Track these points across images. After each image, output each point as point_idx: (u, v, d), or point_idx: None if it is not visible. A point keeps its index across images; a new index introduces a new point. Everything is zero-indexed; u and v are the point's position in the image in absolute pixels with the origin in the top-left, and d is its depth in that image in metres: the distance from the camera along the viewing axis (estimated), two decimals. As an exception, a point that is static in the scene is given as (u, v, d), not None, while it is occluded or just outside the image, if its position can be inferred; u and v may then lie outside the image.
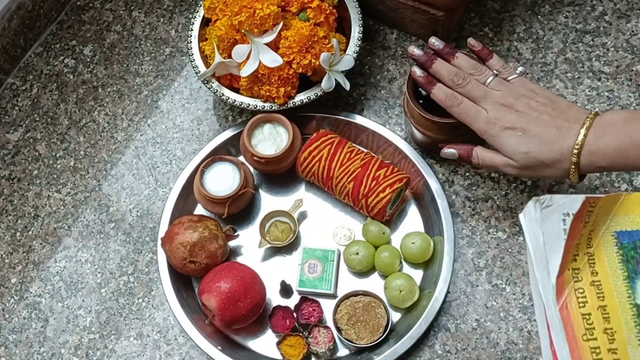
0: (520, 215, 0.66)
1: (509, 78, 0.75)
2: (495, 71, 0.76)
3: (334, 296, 0.86)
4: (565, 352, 0.65)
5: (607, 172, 0.79)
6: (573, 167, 0.67)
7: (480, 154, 0.76)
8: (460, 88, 0.75)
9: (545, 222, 0.67)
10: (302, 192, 0.92)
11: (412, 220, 0.89)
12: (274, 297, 0.87)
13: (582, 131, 0.66)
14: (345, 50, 0.90)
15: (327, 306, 0.85)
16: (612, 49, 0.93)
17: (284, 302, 0.86)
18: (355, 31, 0.90)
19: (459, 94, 0.75)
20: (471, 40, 0.79)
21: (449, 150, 0.80)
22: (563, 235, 0.67)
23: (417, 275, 0.85)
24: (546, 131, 0.68)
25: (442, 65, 0.78)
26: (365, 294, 0.83)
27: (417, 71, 0.79)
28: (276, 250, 0.90)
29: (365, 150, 0.89)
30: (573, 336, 0.66)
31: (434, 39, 0.80)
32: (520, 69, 0.77)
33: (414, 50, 0.80)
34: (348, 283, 0.87)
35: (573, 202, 0.68)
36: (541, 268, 0.67)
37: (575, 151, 0.66)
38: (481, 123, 0.72)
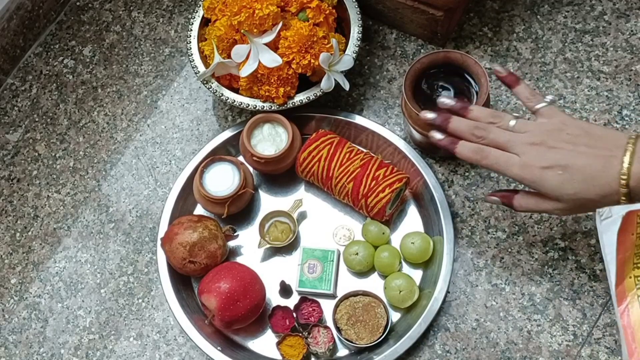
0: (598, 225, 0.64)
1: (538, 106, 0.70)
2: (524, 99, 0.71)
3: (333, 296, 0.86)
4: (624, 356, 0.66)
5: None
6: (624, 197, 0.62)
7: (523, 201, 0.71)
8: (484, 140, 0.70)
9: (605, 233, 0.68)
10: (301, 192, 0.92)
11: (412, 220, 0.89)
12: (274, 297, 0.87)
13: (626, 159, 0.61)
14: (344, 51, 0.90)
15: (327, 306, 0.85)
16: (612, 48, 0.93)
17: (283, 302, 0.86)
18: (355, 31, 0.90)
19: (484, 146, 0.70)
20: (496, 67, 0.74)
21: (493, 198, 0.75)
22: (615, 246, 0.67)
23: (417, 275, 0.85)
24: (588, 164, 0.63)
25: (459, 122, 0.72)
26: (365, 294, 0.83)
27: (437, 135, 0.74)
28: (276, 251, 0.90)
29: (364, 150, 0.89)
30: (632, 341, 0.67)
31: (444, 97, 0.76)
32: (549, 97, 0.71)
33: (427, 115, 0.75)
34: (348, 283, 0.87)
35: (632, 208, 0.67)
36: (608, 278, 0.69)
37: (623, 181, 0.61)
38: (516, 170, 0.67)
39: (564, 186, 0.64)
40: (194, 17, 0.94)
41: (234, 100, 0.89)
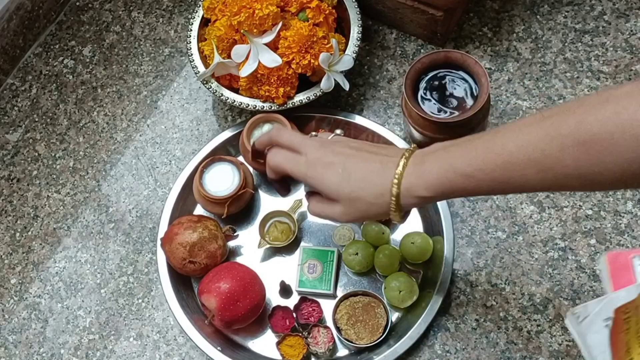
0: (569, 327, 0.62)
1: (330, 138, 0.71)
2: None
3: (333, 296, 0.86)
4: None
5: (429, 203, 0.70)
6: (394, 199, 0.62)
7: (313, 205, 0.71)
8: (278, 142, 0.71)
9: (589, 334, 0.65)
10: (301, 193, 0.92)
11: (412, 220, 0.89)
12: (274, 298, 0.87)
13: (402, 162, 0.62)
14: (344, 51, 0.90)
15: (327, 306, 0.85)
16: (611, 48, 0.93)
17: (283, 302, 0.86)
18: (355, 31, 0.90)
19: (279, 148, 0.70)
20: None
21: (306, 197, 0.75)
22: (608, 346, 0.63)
23: (417, 275, 0.85)
24: (366, 166, 0.64)
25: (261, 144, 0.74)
26: (365, 294, 0.83)
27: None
28: (276, 251, 0.90)
29: (364, 150, 0.88)
30: None
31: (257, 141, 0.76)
32: (338, 131, 0.73)
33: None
34: (347, 283, 0.87)
35: (610, 303, 0.65)
36: None
37: (396, 181, 0.61)
38: (301, 167, 0.67)
39: (342, 185, 0.64)
40: (194, 17, 0.94)
41: (234, 100, 0.89)
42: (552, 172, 0.53)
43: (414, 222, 0.88)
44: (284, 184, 0.74)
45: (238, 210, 0.89)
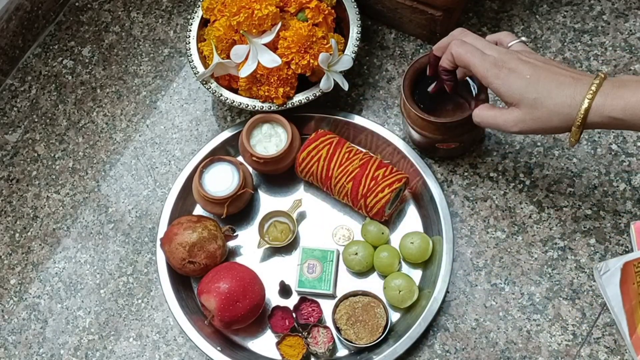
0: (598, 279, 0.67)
1: (511, 43, 0.72)
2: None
3: (333, 296, 0.86)
4: None
5: (610, 130, 0.70)
6: (582, 114, 0.62)
7: (481, 111, 0.72)
8: (463, 39, 0.71)
9: (608, 287, 0.72)
10: (301, 193, 0.92)
11: (411, 220, 0.89)
12: (273, 298, 0.87)
13: (597, 80, 0.62)
14: (343, 51, 0.90)
15: (327, 306, 0.85)
16: (610, 48, 0.93)
17: (283, 302, 0.86)
18: (354, 31, 0.90)
19: (468, 43, 0.70)
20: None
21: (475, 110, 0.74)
22: (620, 295, 0.71)
23: (416, 275, 0.85)
24: (556, 77, 0.64)
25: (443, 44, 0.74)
26: (365, 294, 0.83)
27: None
28: (275, 251, 0.90)
29: (364, 151, 0.89)
30: None
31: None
32: (523, 38, 0.74)
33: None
34: (347, 283, 0.87)
35: (624, 259, 0.71)
36: (620, 330, 0.73)
37: (590, 95, 0.62)
38: (487, 63, 0.67)
39: (528, 88, 0.65)
40: (193, 18, 0.94)
41: (233, 101, 0.89)
42: None
43: (413, 222, 0.88)
44: (453, 78, 0.74)
45: (237, 210, 0.89)
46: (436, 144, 0.84)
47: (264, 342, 0.85)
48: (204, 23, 0.94)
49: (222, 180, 0.87)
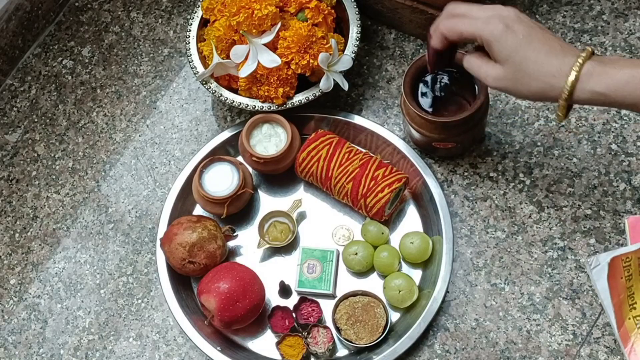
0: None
1: None
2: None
3: (333, 296, 0.86)
4: None
5: (595, 105, 0.68)
6: (568, 86, 0.62)
7: (470, 57, 0.71)
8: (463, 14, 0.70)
9: (598, 281, 0.74)
10: (300, 193, 0.92)
11: (411, 220, 0.89)
12: (273, 298, 0.87)
13: (584, 54, 0.62)
14: (343, 51, 0.90)
15: (326, 306, 0.85)
16: (610, 48, 0.93)
17: (283, 302, 0.86)
18: (354, 31, 0.90)
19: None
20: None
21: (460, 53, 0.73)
22: (607, 290, 0.73)
23: (416, 275, 0.85)
24: (548, 43, 0.64)
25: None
26: (365, 294, 0.83)
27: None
28: (275, 251, 0.90)
29: (363, 151, 0.89)
30: None
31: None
32: None
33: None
34: (347, 283, 0.87)
35: (613, 253, 0.72)
36: (610, 320, 0.75)
37: (576, 68, 0.62)
38: (479, 23, 0.67)
39: (518, 48, 0.64)
40: (193, 18, 0.94)
41: (233, 101, 0.89)
42: None
43: (413, 222, 0.88)
44: (445, 55, 0.74)
45: (237, 210, 0.89)
46: (434, 143, 0.84)
47: (264, 342, 0.85)
48: (204, 23, 0.94)
49: (222, 180, 0.87)
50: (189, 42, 0.93)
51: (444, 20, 0.71)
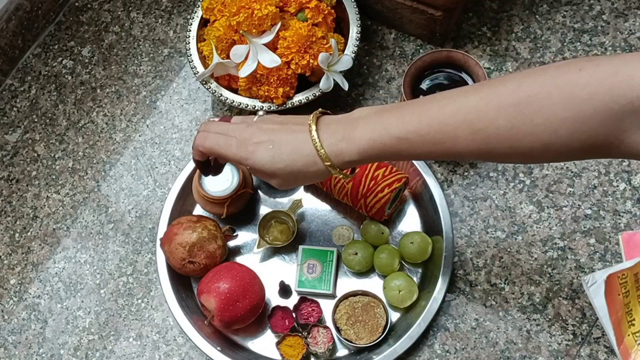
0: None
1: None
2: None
3: (333, 296, 0.86)
4: None
5: (364, 164, 0.71)
6: (328, 163, 0.63)
7: (252, 172, 0.72)
8: (211, 130, 0.72)
9: (595, 298, 0.75)
10: (300, 193, 0.92)
11: (411, 220, 0.89)
12: (273, 298, 0.87)
13: (313, 127, 0.64)
14: (343, 51, 0.90)
15: (326, 306, 0.85)
16: (610, 48, 0.93)
17: (283, 302, 0.86)
18: (354, 31, 0.90)
19: (209, 132, 0.71)
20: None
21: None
22: (606, 309, 0.74)
23: (416, 275, 0.85)
24: (294, 137, 0.65)
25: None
26: (365, 294, 0.83)
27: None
28: (275, 251, 0.90)
29: (363, 150, 0.89)
30: None
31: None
32: (260, 112, 0.73)
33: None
34: (347, 283, 0.87)
35: (610, 271, 0.73)
36: (609, 337, 0.75)
37: (320, 149, 0.63)
38: (233, 148, 0.68)
39: (275, 160, 0.66)
40: (193, 18, 0.94)
41: (233, 101, 0.89)
42: (484, 133, 0.55)
43: (413, 222, 0.89)
44: (208, 165, 0.76)
45: (237, 210, 0.89)
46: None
47: (264, 342, 0.85)
48: (204, 23, 0.94)
49: (222, 180, 0.87)
50: (189, 42, 0.93)
51: (200, 139, 0.71)
